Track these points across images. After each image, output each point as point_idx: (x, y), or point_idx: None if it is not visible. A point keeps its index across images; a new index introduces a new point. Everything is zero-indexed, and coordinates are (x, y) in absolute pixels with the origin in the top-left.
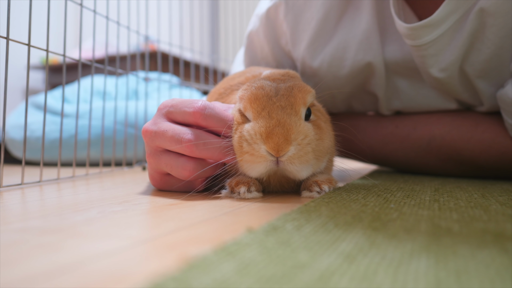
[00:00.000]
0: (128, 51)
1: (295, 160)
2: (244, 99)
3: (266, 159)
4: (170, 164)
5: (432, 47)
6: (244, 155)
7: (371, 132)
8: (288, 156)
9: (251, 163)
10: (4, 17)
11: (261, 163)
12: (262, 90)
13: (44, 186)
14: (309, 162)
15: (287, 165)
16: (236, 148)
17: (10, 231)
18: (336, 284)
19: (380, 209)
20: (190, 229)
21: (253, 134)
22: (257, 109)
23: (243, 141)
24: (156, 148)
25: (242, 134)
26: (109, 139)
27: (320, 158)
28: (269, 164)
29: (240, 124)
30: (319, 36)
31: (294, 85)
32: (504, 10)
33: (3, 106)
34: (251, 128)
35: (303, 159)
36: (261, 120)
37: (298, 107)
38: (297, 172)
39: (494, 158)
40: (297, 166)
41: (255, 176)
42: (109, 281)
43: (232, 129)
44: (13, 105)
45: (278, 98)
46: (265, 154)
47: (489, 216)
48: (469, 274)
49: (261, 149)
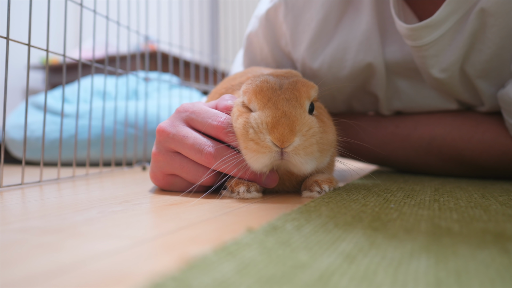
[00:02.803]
0: (128, 51)
1: (300, 151)
2: (248, 92)
3: (271, 150)
4: (187, 168)
5: (433, 48)
6: (249, 142)
7: (372, 132)
8: (293, 147)
9: (256, 152)
10: (4, 17)
11: (266, 153)
12: (267, 83)
13: (44, 186)
14: (313, 154)
15: (291, 157)
16: (240, 134)
17: (10, 231)
18: (336, 284)
19: (380, 209)
20: (190, 229)
21: (259, 123)
22: (263, 100)
23: (249, 127)
24: (168, 149)
25: (249, 120)
26: (109, 139)
27: (323, 152)
28: (273, 155)
29: (244, 112)
30: (319, 37)
31: (298, 80)
32: (505, 10)
33: (3, 106)
34: (258, 116)
35: (308, 150)
36: (268, 110)
37: (303, 100)
38: (301, 165)
39: (495, 158)
40: (302, 157)
41: (259, 169)
42: (109, 281)
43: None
44: (13, 105)
45: (283, 91)
46: (270, 145)
47: (489, 216)
48: (469, 274)
49: (266, 139)
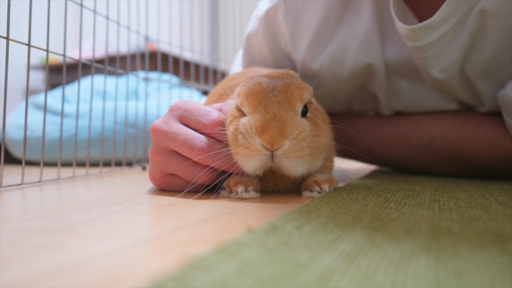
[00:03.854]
0: (128, 51)
1: (291, 155)
2: (241, 95)
3: (260, 153)
4: (184, 167)
5: (433, 49)
6: (239, 148)
7: (372, 132)
8: (284, 150)
9: (246, 156)
10: (4, 17)
11: (255, 157)
12: (259, 85)
13: (44, 186)
14: (304, 157)
15: (282, 160)
16: (230, 141)
17: (10, 231)
18: (336, 284)
19: (380, 209)
20: (190, 229)
21: (248, 128)
22: (253, 104)
23: (238, 133)
24: (164, 147)
25: (238, 127)
26: (109, 139)
27: (315, 155)
28: (263, 158)
29: (236, 117)
30: (319, 37)
31: (292, 82)
32: (505, 11)
33: (3, 106)
34: (246, 121)
35: (298, 154)
36: (257, 114)
37: (295, 102)
38: (292, 168)
39: (495, 158)
40: (292, 161)
41: (250, 171)
42: (109, 281)
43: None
44: (13, 105)
45: (275, 94)
46: (259, 148)
47: (489, 216)
48: (469, 274)
49: (255, 143)
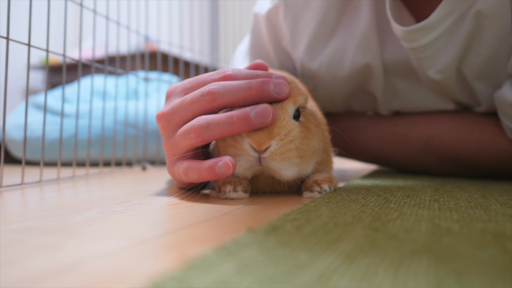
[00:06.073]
0: (128, 51)
1: (277, 157)
2: None
3: (247, 153)
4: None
5: (429, 50)
6: (228, 148)
7: (370, 131)
8: (270, 152)
9: (234, 156)
10: (4, 17)
11: (242, 156)
12: None
13: (44, 186)
14: (292, 160)
15: (269, 163)
16: (220, 145)
17: (10, 231)
18: (336, 284)
19: (380, 209)
20: (190, 229)
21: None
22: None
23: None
24: (175, 125)
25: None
26: (109, 139)
27: (305, 158)
28: (250, 159)
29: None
30: (318, 37)
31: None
32: (501, 12)
33: (3, 106)
34: None
35: (285, 156)
36: None
37: (287, 105)
38: (280, 170)
39: (492, 158)
40: (279, 163)
41: (240, 173)
42: (109, 281)
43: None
44: (13, 105)
45: None
46: (247, 148)
47: (489, 216)
48: (470, 274)
49: (244, 142)
